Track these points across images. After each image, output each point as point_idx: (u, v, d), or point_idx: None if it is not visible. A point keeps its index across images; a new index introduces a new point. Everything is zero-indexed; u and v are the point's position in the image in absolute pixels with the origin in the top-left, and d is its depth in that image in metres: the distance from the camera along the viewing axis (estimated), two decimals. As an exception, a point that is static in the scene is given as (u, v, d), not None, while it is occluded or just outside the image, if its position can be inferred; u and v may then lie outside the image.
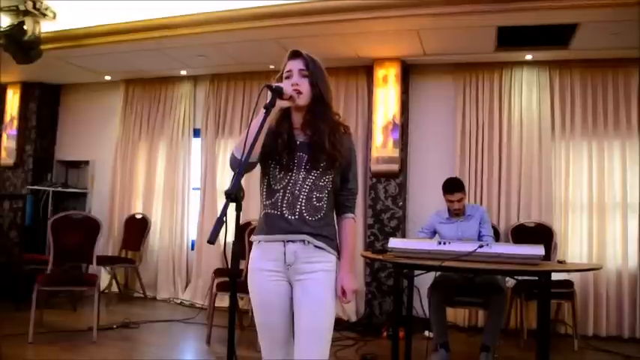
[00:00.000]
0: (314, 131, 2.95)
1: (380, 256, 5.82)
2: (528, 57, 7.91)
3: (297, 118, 3.02)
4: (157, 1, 7.42)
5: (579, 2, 6.02)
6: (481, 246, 5.06)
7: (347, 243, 3.07)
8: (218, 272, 7.72)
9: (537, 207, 7.79)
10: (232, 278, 2.75)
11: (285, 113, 3.01)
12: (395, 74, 8.20)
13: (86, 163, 10.67)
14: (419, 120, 8.54)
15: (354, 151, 3.13)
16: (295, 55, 3.02)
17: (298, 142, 2.98)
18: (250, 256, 3.03)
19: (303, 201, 2.91)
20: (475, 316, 7.89)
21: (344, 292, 2.94)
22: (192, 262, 9.51)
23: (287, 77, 2.98)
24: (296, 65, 2.98)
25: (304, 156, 2.95)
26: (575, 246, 7.76)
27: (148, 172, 9.99)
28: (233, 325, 2.64)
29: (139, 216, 9.74)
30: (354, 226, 3.15)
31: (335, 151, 2.93)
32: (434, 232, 6.55)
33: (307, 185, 2.93)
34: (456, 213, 6.41)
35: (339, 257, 3.02)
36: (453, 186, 6.40)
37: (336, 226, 3.09)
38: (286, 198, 2.92)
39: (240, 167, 2.66)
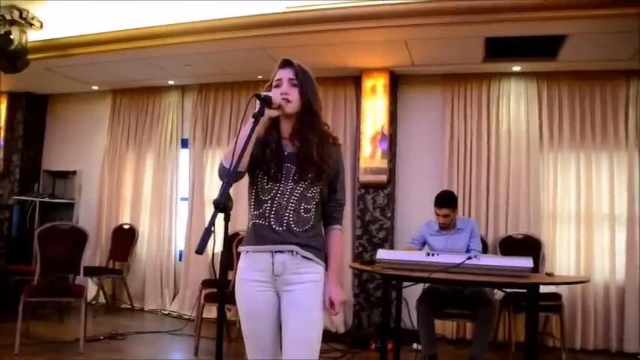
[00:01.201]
0: (302, 142, 2.94)
1: (368, 268, 5.81)
2: (516, 68, 7.93)
3: (285, 128, 3.01)
4: (143, 11, 7.41)
5: (567, 14, 6.03)
6: (469, 258, 5.07)
7: (334, 254, 3.06)
8: (206, 283, 7.68)
9: (525, 218, 7.80)
10: (220, 288, 2.72)
11: (274, 122, 3.00)
12: (383, 84, 8.20)
13: (73, 173, 10.61)
14: (407, 130, 8.53)
15: (342, 162, 3.13)
16: (286, 64, 3.01)
17: (286, 153, 2.97)
18: (238, 266, 3.02)
19: (291, 212, 2.90)
20: (463, 329, 7.87)
21: (332, 304, 2.93)
22: (180, 272, 9.46)
23: (277, 86, 2.97)
24: (286, 74, 2.97)
25: (292, 167, 2.94)
26: (562, 258, 7.75)
27: (135, 182, 9.96)
28: (221, 336, 2.62)
29: (126, 226, 9.69)
30: (341, 238, 3.15)
31: (323, 163, 2.92)
32: (424, 243, 6.53)
33: (295, 196, 2.92)
34: (444, 227, 6.40)
35: (326, 268, 3.00)
36: (442, 200, 6.36)
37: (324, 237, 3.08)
38: (274, 209, 2.91)
39: (228, 177, 2.65)
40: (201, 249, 2.33)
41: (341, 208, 3.13)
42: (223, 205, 2.47)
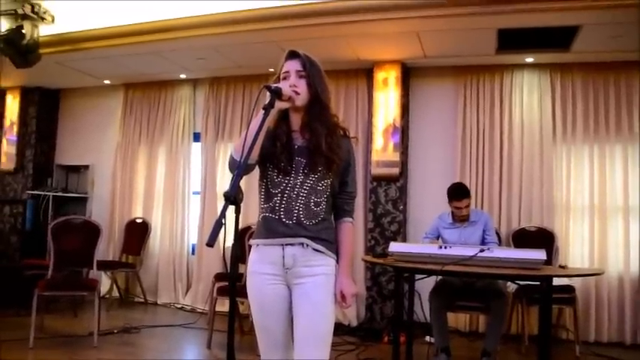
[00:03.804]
0: (311, 134, 2.92)
1: (381, 260, 5.81)
2: (529, 60, 7.89)
3: (295, 120, 2.99)
4: (155, 4, 7.40)
5: (581, 4, 6.00)
6: (482, 250, 5.06)
7: (345, 247, 3.04)
8: (219, 276, 7.70)
9: (539, 211, 7.76)
10: (232, 281, 2.71)
11: (283, 115, 2.98)
12: (395, 77, 8.17)
13: (86, 167, 10.67)
14: (419, 123, 8.51)
15: (353, 154, 3.09)
16: (292, 55, 2.99)
17: (297, 146, 2.96)
18: (249, 259, 3.01)
19: (301, 205, 2.89)
20: (476, 321, 7.86)
21: (343, 297, 2.92)
22: (192, 266, 9.49)
23: (284, 78, 2.95)
24: (293, 66, 2.95)
25: (302, 160, 2.92)
26: (576, 250, 7.72)
27: (148, 176, 9.98)
28: (233, 329, 2.62)
29: (139, 220, 9.72)
30: (352, 230, 3.13)
31: (332, 154, 2.90)
32: (438, 237, 6.50)
33: (305, 189, 2.90)
34: (462, 219, 6.37)
35: (337, 261, 2.99)
36: (460, 192, 6.33)
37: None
38: (284, 202, 2.90)
39: (238, 169, 2.64)
40: (211, 241, 2.32)
41: (352, 201, 3.11)
42: (234, 197, 2.46)
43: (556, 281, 5.44)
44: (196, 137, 9.79)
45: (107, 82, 10.17)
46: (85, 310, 8.12)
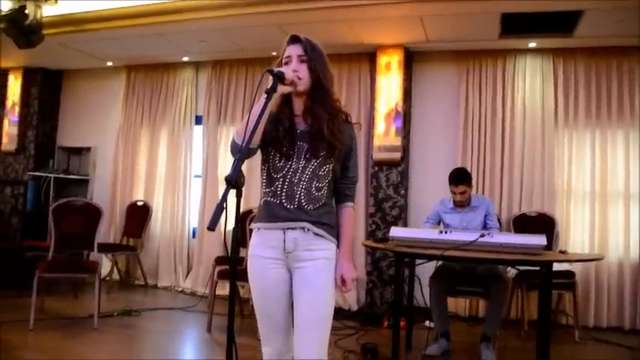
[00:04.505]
0: (314, 119, 2.92)
1: (381, 245, 5.82)
2: (532, 45, 7.87)
3: (297, 105, 2.99)
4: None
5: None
6: (482, 235, 5.06)
7: (346, 232, 3.06)
8: (219, 260, 7.69)
9: (540, 196, 7.77)
10: (232, 265, 2.72)
11: (286, 99, 2.98)
12: (398, 61, 8.15)
13: (88, 149, 10.66)
14: (422, 108, 8.50)
15: (355, 139, 3.10)
16: (294, 40, 2.98)
17: (299, 131, 2.96)
18: (250, 243, 3.02)
19: (303, 190, 2.90)
20: (476, 306, 7.88)
21: (344, 281, 2.93)
22: (193, 249, 9.50)
23: (286, 63, 2.95)
24: (295, 50, 2.95)
25: (304, 145, 2.93)
26: (577, 236, 7.74)
27: (149, 159, 9.98)
28: (233, 312, 2.63)
29: (140, 203, 9.74)
30: (353, 215, 3.14)
31: (334, 139, 2.90)
32: (439, 221, 6.50)
33: (307, 174, 2.90)
34: (461, 204, 6.37)
35: (338, 246, 3.00)
36: (457, 177, 6.30)
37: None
38: (285, 187, 2.90)
39: (240, 153, 2.64)
40: (212, 225, 2.32)
41: (353, 186, 3.12)
42: (235, 181, 2.46)
43: (556, 266, 5.47)
44: (198, 120, 9.78)
45: (110, 63, 10.14)
46: (85, 292, 8.15)
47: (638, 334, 7.20)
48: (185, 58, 9.60)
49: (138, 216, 9.58)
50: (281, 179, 2.91)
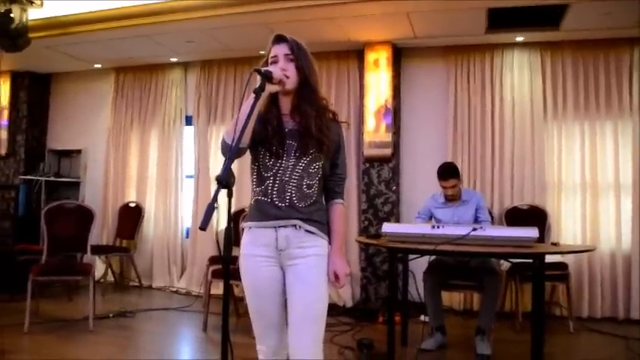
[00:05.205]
0: (301, 117, 2.94)
1: (374, 241, 5.85)
2: (519, 39, 7.89)
3: (284, 104, 3.01)
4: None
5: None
6: (475, 229, 5.07)
7: (337, 228, 3.07)
8: (213, 260, 7.70)
9: (530, 189, 7.79)
10: (226, 264, 2.73)
11: (273, 99, 2.99)
12: (386, 58, 8.16)
13: (78, 152, 10.63)
14: (411, 104, 8.51)
15: (342, 137, 3.13)
16: (280, 39, 3.01)
17: (287, 130, 2.96)
18: (242, 242, 3.03)
19: (294, 188, 2.91)
20: (470, 300, 7.91)
21: (337, 277, 2.95)
22: (187, 249, 9.50)
23: (272, 62, 2.97)
24: (281, 50, 2.97)
25: (294, 143, 2.93)
26: (568, 228, 7.77)
27: (140, 160, 9.96)
28: (227, 311, 2.64)
29: (132, 204, 9.72)
30: (343, 212, 3.15)
31: (322, 135, 2.92)
32: (431, 217, 6.51)
33: (297, 172, 2.92)
34: (452, 198, 6.38)
35: (330, 242, 3.01)
36: (446, 172, 6.31)
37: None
38: (276, 185, 2.91)
39: (230, 153, 2.66)
40: (204, 225, 2.34)
41: (342, 183, 3.14)
42: (226, 181, 2.48)
43: (549, 258, 5.49)
44: (188, 120, 9.77)
45: (98, 66, 10.11)
46: (79, 294, 8.13)
47: (632, 323, 7.22)
48: (173, 59, 9.58)
49: (130, 217, 9.56)
50: (271, 178, 2.92)
